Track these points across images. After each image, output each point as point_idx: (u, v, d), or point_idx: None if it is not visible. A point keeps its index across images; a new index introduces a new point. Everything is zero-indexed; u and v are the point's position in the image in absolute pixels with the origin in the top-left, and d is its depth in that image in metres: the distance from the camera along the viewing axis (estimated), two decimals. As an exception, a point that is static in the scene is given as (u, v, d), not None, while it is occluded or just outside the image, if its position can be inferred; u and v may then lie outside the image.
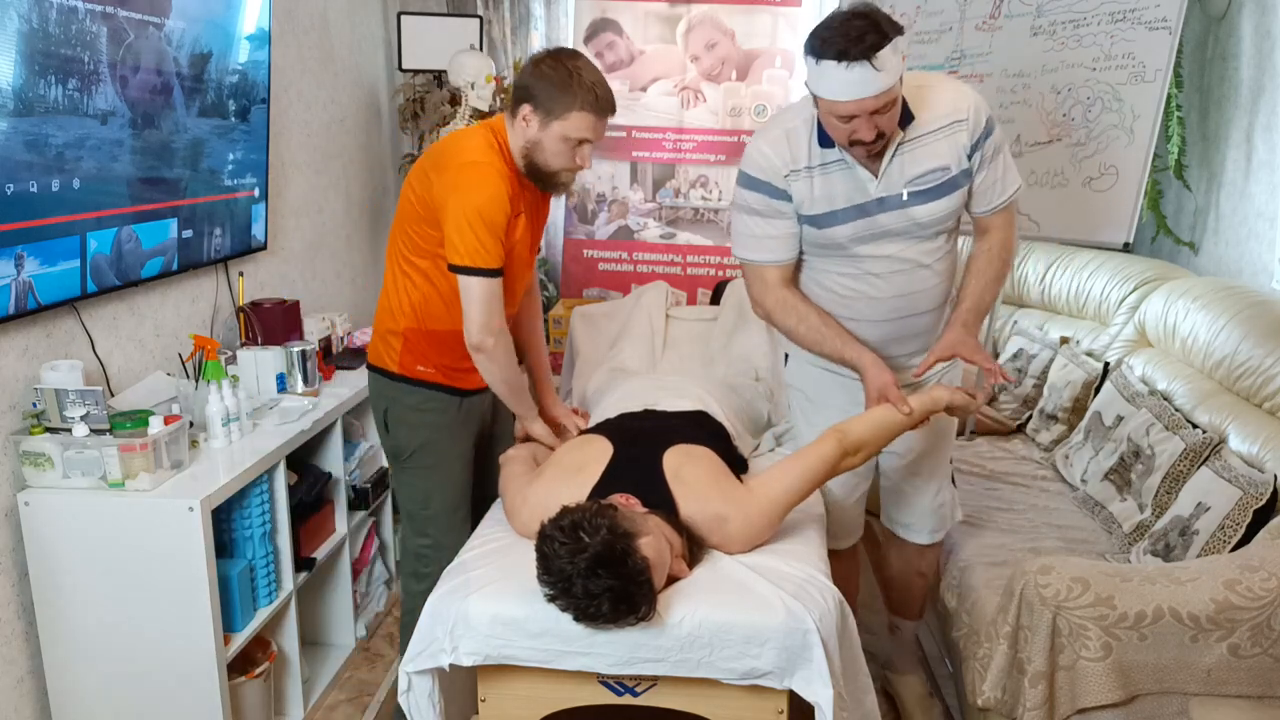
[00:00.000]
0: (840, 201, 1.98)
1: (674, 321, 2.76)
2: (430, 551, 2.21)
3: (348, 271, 3.68)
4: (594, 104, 1.97)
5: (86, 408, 2.04)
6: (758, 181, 2.02)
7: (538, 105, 1.98)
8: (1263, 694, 1.76)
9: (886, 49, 1.75)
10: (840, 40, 1.75)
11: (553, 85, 1.96)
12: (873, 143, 1.87)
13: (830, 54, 1.77)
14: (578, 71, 1.97)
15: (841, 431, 1.90)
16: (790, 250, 2.07)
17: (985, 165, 1.99)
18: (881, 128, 1.85)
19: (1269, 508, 2.02)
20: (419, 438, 2.19)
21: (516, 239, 2.07)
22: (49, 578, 2.05)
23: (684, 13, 4.11)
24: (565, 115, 1.97)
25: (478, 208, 1.95)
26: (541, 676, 1.71)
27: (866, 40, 1.74)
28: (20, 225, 1.95)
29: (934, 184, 1.97)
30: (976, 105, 1.95)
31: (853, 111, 1.81)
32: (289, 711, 2.49)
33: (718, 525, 1.83)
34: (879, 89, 1.77)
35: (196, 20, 2.45)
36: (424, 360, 2.15)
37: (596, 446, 1.96)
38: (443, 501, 2.22)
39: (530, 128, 2.00)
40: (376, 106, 3.95)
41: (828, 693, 1.60)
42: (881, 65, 1.75)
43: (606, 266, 4.27)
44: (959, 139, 1.94)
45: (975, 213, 2.06)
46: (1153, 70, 2.96)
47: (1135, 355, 2.88)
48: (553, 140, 1.99)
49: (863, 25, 1.76)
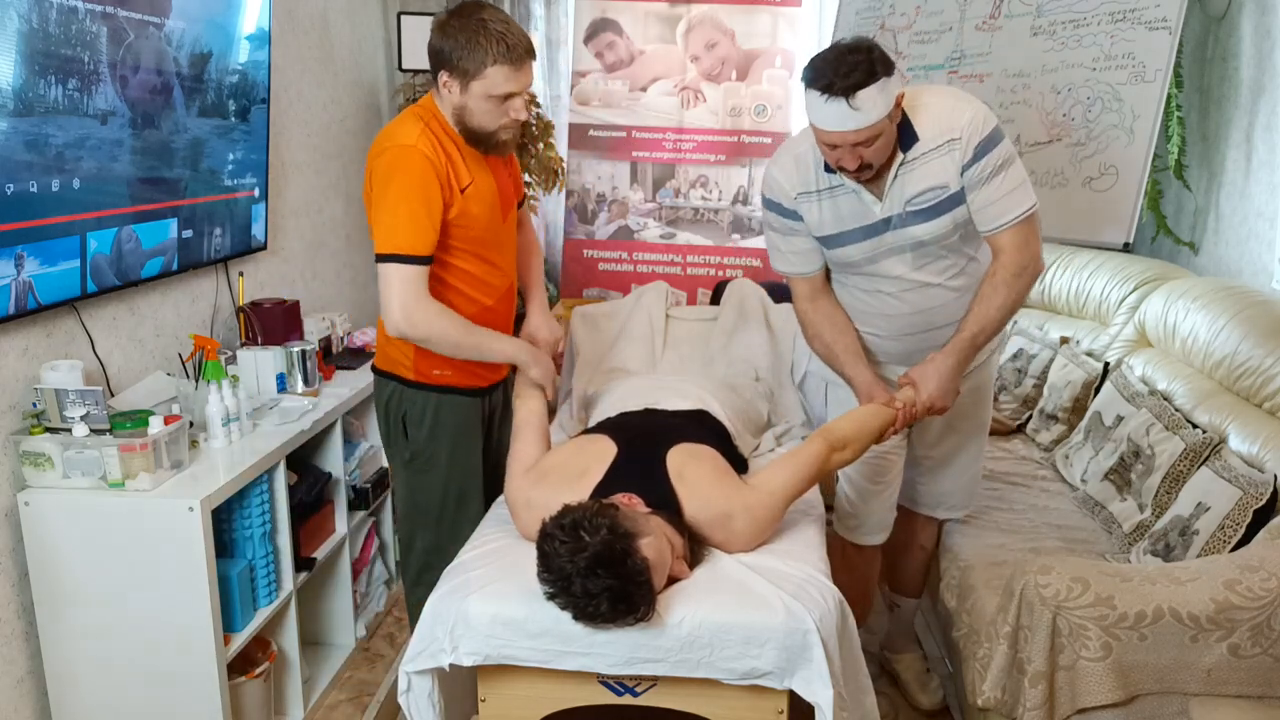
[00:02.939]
0: (849, 223, 2.03)
1: (674, 321, 2.76)
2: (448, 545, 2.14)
3: (348, 271, 3.68)
4: (506, 54, 1.90)
5: (86, 408, 2.04)
6: (771, 202, 2.12)
7: (453, 68, 1.92)
8: (1263, 694, 1.76)
9: (870, 89, 1.78)
10: (828, 74, 1.80)
11: (461, 44, 1.89)
12: (857, 171, 1.90)
13: (816, 85, 1.83)
14: (483, 24, 1.89)
15: (826, 430, 1.99)
16: (809, 264, 2.16)
17: (983, 183, 1.93)
18: (866, 159, 1.88)
19: (1269, 508, 2.01)
20: (442, 440, 2.16)
21: (473, 212, 2.02)
22: (49, 578, 2.05)
23: (684, 13, 4.11)
24: (481, 73, 1.90)
25: (397, 193, 1.91)
26: (541, 676, 1.71)
27: (851, 79, 1.78)
28: (20, 225, 1.95)
29: (932, 203, 1.97)
30: (972, 120, 1.91)
31: (835, 141, 1.86)
32: (289, 711, 2.49)
33: (723, 524, 1.83)
34: (857, 125, 1.81)
35: (196, 20, 2.45)
36: (439, 364, 2.11)
37: (599, 446, 1.95)
38: (459, 499, 2.20)
39: (453, 93, 1.95)
40: (376, 106, 3.95)
41: (827, 693, 1.60)
42: (859, 105, 1.79)
43: (606, 266, 4.27)
44: (954, 156, 1.93)
45: (981, 232, 2.01)
46: (1153, 70, 2.96)
47: (1135, 355, 2.88)
48: (477, 101, 1.94)
49: (854, 61, 1.79)
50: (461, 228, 2.02)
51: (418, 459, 2.18)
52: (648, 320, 2.71)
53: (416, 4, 4.14)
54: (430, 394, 2.14)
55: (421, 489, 2.20)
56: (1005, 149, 1.93)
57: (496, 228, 2.13)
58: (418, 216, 1.92)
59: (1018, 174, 1.95)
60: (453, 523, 2.19)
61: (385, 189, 1.93)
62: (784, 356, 2.63)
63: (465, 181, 2.01)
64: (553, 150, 3.97)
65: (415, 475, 2.20)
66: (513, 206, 2.22)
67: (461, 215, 2.00)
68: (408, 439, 2.17)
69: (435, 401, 2.14)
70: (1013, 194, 1.95)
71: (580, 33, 4.15)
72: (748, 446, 2.26)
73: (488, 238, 2.10)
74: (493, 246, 2.13)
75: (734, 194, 4.19)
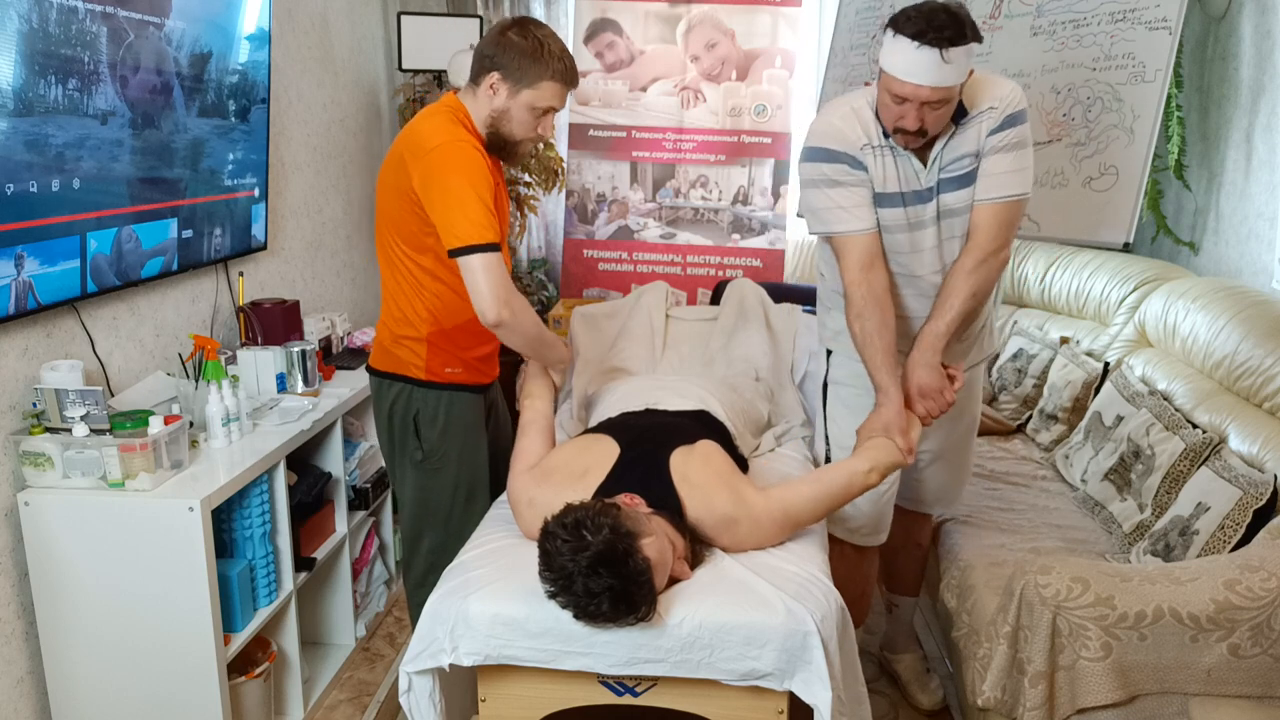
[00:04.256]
0: (894, 185, 2.03)
1: (674, 321, 2.76)
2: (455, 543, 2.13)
3: (348, 271, 3.68)
4: (563, 73, 2.00)
5: (86, 408, 2.04)
6: (828, 151, 2.02)
7: (507, 74, 1.98)
8: (1263, 694, 1.76)
9: (963, 48, 1.81)
10: (922, 22, 1.81)
11: (523, 54, 1.97)
12: (914, 134, 1.91)
13: (908, 31, 1.82)
14: (546, 41, 1.98)
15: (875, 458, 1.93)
16: (865, 220, 2.03)
17: (996, 152, 1.97)
18: (927, 123, 1.89)
19: (1269, 508, 2.02)
20: (454, 438, 2.18)
21: (501, 208, 2.07)
22: (49, 578, 2.05)
23: (684, 13, 4.11)
24: (536, 84, 1.98)
25: (462, 185, 1.92)
26: (541, 676, 1.71)
27: (946, 32, 1.79)
28: (20, 225, 1.95)
29: (963, 170, 2.00)
30: (1011, 93, 1.97)
31: (908, 95, 1.86)
32: (289, 711, 2.49)
33: (726, 527, 1.82)
34: (940, 81, 1.82)
35: (196, 20, 2.45)
36: (450, 362, 2.14)
37: (602, 447, 1.95)
38: (469, 495, 2.21)
39: (498, 97, 2.00)
40: (376, 106, 3.95)
41: (826, 695, 1.60)
42: (950, 59, 1.81)
43: (606, 266, 4.27)
44: (988, 124, 1.97)
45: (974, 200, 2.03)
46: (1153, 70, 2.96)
47: (1135, 355, 2.88)
48: (520, 109, 2.01)
49: (947, 18, 1.81)
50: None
51: (430, 459, 2.18)
52: (648, 320, 2.71)
53: (416, 4, 4.14)
54: (442, 393, 2.15)
55: (433, 489, 2.20)
56: (1025, 130, 1.98)
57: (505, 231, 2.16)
58: (486, 206, 1.94)
59: (1026, 158, 1.99)
60: (461, 522, 2.19)
61: (447, 183, 1.93)
62: (784, 356, 2.63)
63: (495, 179, 2.07)
64: (552, 150, 3.97)
65: (427, 476, 2.19)
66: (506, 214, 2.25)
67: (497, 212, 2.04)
68: (420, 439, 2.16)
69: (447, 400, 2.15)
70: (1016, 174, 1.99)
71: (580, 33, 4.15)
72: (748, 446, 2.26)
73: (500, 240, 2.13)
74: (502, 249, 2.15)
75: (734, 194, 4.19)
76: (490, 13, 4.22)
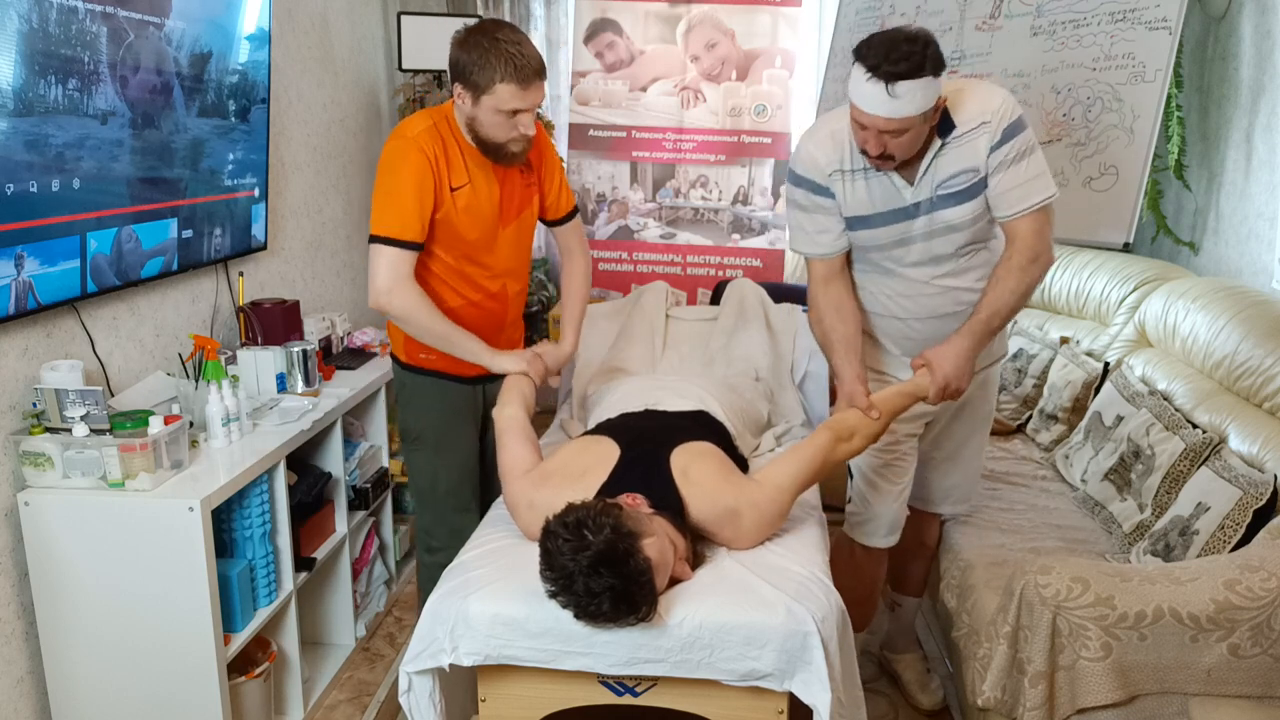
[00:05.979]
0: (879, 205, 2.04)
1: (674, 321, 2.76)
2: (438, 528, 2.33)
3: (348, 271, 3.68)
4: (514, 74, 1.98)
5: (86, 408, 2.04)
6: (801, 178, 2.09)
7: (465, 83, 2.02)
8: (1263, 694, 1.76)
9: (913, 83, 1.79)
10: (879, 54, 1.80)
11: (471, 62, 1.99)
12: (878, 159, 1.91)
13: (864, 63, 1.83)
14: (496, 44, 1.98)
15: (833, 421, 2.01)
16: (831, 246, 2.13)
17: (1006, 168, 1.95)
18: (890, 149, 1.89)
19: (1269, 508, 2.02)
20: (425, 421, 2.31)
21: (461, 207, 2.11)
22: (49, 578, 2.05)
23: (684, 13, 4.11)
24: (490, 89, 1.99)
25: (390, 182, 2.03)
26: (541, 676, 1.71)
27: (898, 67, 1.78)
28: (20, 225, 1.95)
29: (963, 185, 1.99)
30: (1003, 104, 1.94)
31: (865, 122, 1.87)
32: (289, 711, 2.49)
33: (730, 520, 1.83)
34: (892, 113, 1.82)
35: (196, 20, 2.45)
36: (424, 348, 2.23)
37: (602, 448, 1.95)
38: (448, 481, 2.32)
39: (465, 104, 2.04)
40: (376, 106, 3.95)
41: (826, 696, 1.60)
42: (897, 94, 1.79)
43: (606, 266, 4.27)
44: (985, 139, 1.95)
45: (999, 217, 2.01)
46: (1153, 70, 2.96)
47: (1135, 355, 2.88)
48: (487, 114, 2.03)
49: (907, 51, 1.79)
50: (448, 226, 2.11)
51: (407, 437, 2.35)
52: (648, 320, 2.71)
53: (416, 4, 4.14)
54: (417, 376, 2.30)
55: (414, 468, 2.38)
56: (1029, 137, 1.97)
57: (491, 232, 2.19)
58: (408, 205, 2.04)
59: (1039, 162, 1.98)
60: (440, 505, 2.33)
61: (382, 175, 2.07)
62: (784, 357, 2.63)
63: (459, 181, 2.10)
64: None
65: (409, 454, 2.37)
66: (518, 216, 2.26)
67: (447, 217, 2.10)
68: (401, 418, 2.34)
69: (425, 384, 2.29)
70: (1034, 181, 1.97)
71: (580, 33, 4.15)
72: (748, 447, 2.26)
73: (478, 240, 2.18)
74: (483, 249, 2.20)
75: (734, 194, 4.19)
76: (490, 13, 4.22)
